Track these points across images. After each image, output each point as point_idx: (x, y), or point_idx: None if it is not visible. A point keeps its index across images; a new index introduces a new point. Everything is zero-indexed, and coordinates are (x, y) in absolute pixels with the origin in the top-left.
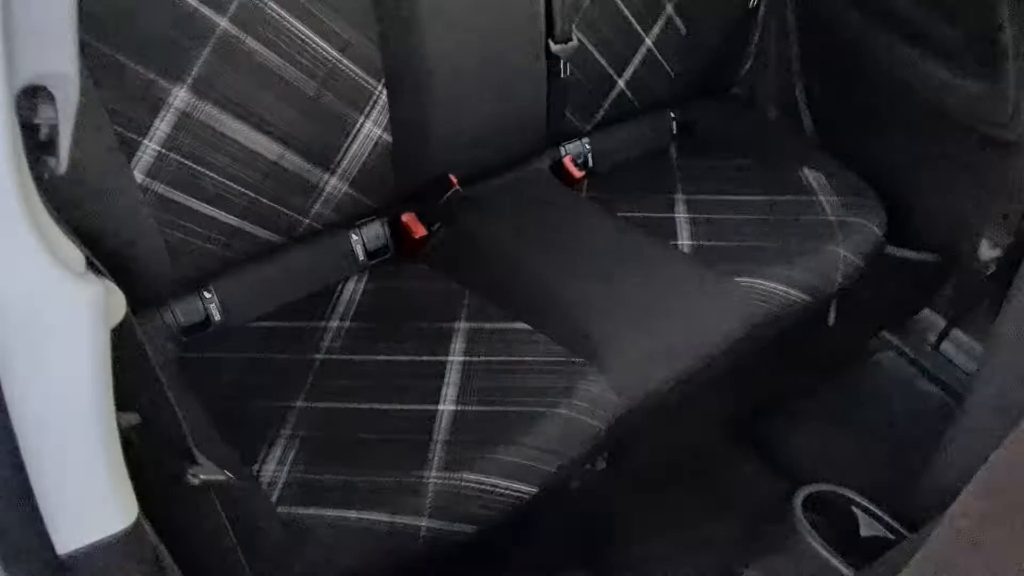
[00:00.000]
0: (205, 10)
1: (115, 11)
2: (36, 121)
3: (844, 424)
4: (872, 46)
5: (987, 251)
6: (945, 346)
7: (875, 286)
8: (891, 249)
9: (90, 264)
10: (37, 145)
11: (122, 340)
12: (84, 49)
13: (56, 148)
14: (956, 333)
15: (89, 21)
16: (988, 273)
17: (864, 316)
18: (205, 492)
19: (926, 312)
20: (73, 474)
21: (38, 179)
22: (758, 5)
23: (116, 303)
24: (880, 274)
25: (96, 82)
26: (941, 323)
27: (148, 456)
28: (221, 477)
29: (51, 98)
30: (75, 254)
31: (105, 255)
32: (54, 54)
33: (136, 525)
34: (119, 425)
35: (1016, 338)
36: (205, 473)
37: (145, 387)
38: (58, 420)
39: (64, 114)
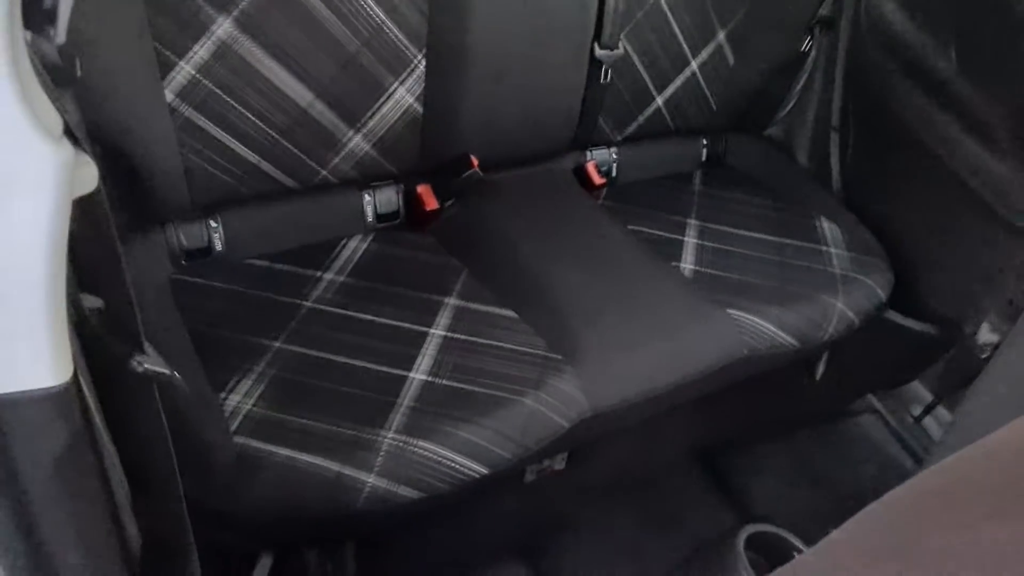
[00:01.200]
0: None
1: None
2: None
3: (809, 475)
4: (910, 112)
5: (986, 334)
6: (927, 421)
7: (870, 348)
8: (893, 315)
9: (69, 134)
10: (40, 13)
11: (90, 210)
12: None
13: (57, 18)
14: (941, 410)
15: None
16: (983, 356)
17: (853, 376)
18: (148, 383)
19: (915, 384)
20: (12, 320)
21: (40, 47)
22: (809, 50)
23: (87, 174)
24: (877, 337)
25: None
26: (928, 397)
27: (103, 338)
28: (165, 371)
29: None
30: (55, 119)
31: (124, 165)
32: None
33: (67, 387)
34: (82, 306)
35: (982, 410)
36: (149, 363)
37: (106, 265)
38: (6, 265)
39: None
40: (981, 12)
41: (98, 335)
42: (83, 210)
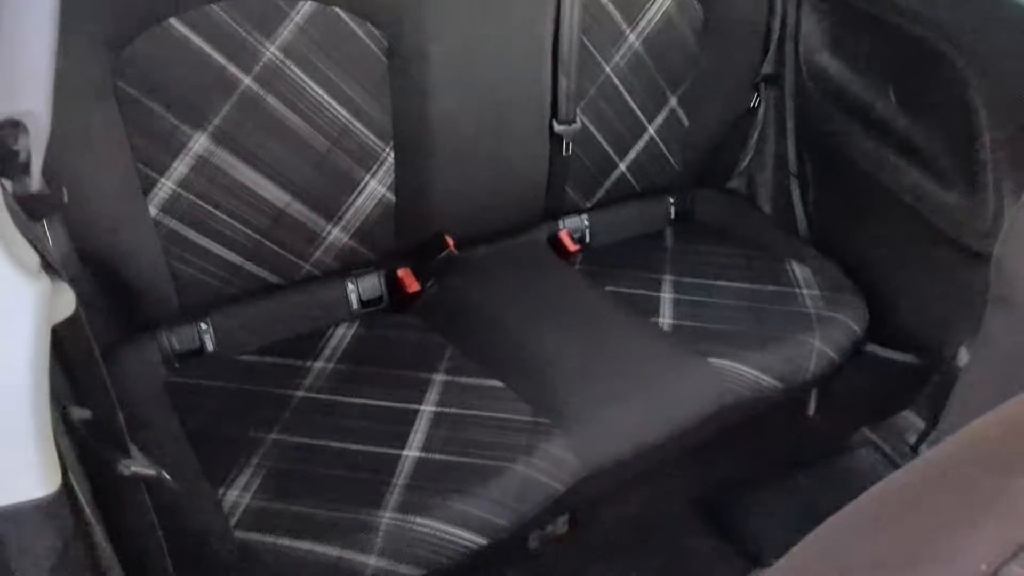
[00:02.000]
0: (232, 68)
1: (152, 63)
2: (16, 148)
3: (813, 515)
4: (860, 152)
5: (965, 358)
6: (924, 448)
7: (856, 382)
8: (873, 347)
9: (46, 267)
10: (17, 166)
11: (71, 332)
12: (119, 94)
13: (30, 169)
14: (936, 436)
15: (127, 69)
16: None
17: (845, 411)
18: (136, 483)
19: (907, 412)
20: (3, 444)
21: (17, 193)
22: (758, 106)
23: (65, 301)
24: (862, 371)
25: (125, 122)
26: (922, 425)
27: (93, 447)
28: (151, 472)
29: (27, 130)
30: (30, 256)
31: (114, 277)
32: (29, 96)
33: (57, 495)
34: (71, 418)
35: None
36: (136, 465)
37: (90, 379)
38: None
39: (36, 144)
40: (910, 54)
41: (87, 443)
42: (64, 333)
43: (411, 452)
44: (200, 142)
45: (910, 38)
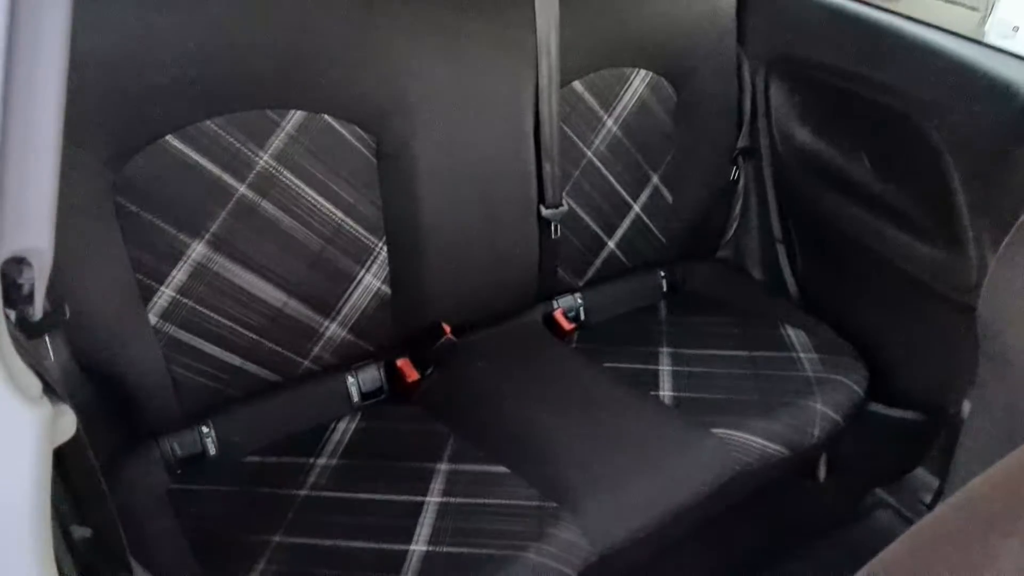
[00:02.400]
0: (227, 177)
1: (149, 178)
2: (20, 281)
3: None
4: (841, 215)
5: (968, 411)
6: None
7: (864, 443)
8: (876, 407)
9: (48, 390)
10: (21, 298)
11: (73, 454)
12: (118, 209)
13: (34, 300)
14: (947, 494)
15: (126, 186)
16: None
17: (856, 473)
18: None
19: (919, 470)
20: (5, 571)
21: (21, 321)
22: (737, 178)
23: (66, 423)
24: (868, 432)
25: (124, 235)
26: (935, 482)
27: (94, 567)
28: None
29: (31, 264)
30: (32, 381)
31: (115, 388)
32: (34, 233)
33: None
34: (73, 538)
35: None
36: None
37: (92, 498)
38: None
39: (40, 276)
40: (879, 121)
41: (88, 562)
42: (65, 455)
43: (418, 547)
44: (198, 250)
45: (878, 106)
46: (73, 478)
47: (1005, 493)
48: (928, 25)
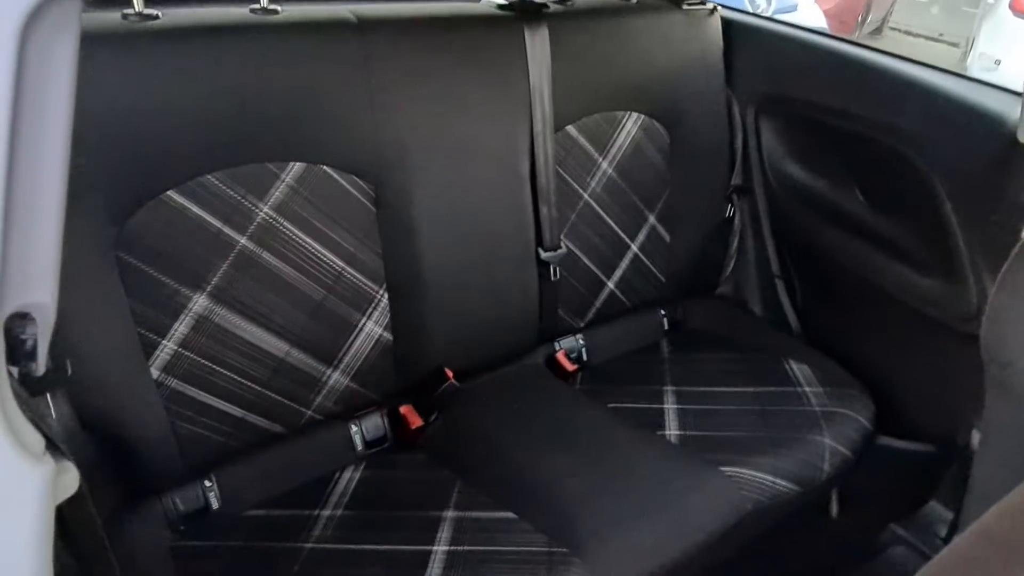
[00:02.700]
0: (228, 231)
1: (151, 233)
2: (24, 336)
3: None
4: (838, 249)
5: (978, 441)
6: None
7: (876, 478)
8: (886, 440)
9: (51, 446)
10: (24, 353)
11: (75, 509)
12: (120, 264)
13: (37, 355)
14: (962, 527)
15: (128, 241)
16: None
17: (869, 509)
18: None
19: (933, 503)
20: None
21: (24, 377)
22: (733, 215)
23: (69, 479)
24: (879, 465)
25: (126, 290)
26: (949, 515)
27: None
28: None
29: (34, 320)
30: (35, 438)
31: (117, 443)
32: (38, 288)
33: None
34: None
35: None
36: None
37: (95, 555)
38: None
39: (43, 332)
40: (869, 155)
41: None
42: (68, 511)
43: None
44: (199, 302)
45: (867, 140)
46: (75, 535)
47: (1020, 524)
48: (911, 60)
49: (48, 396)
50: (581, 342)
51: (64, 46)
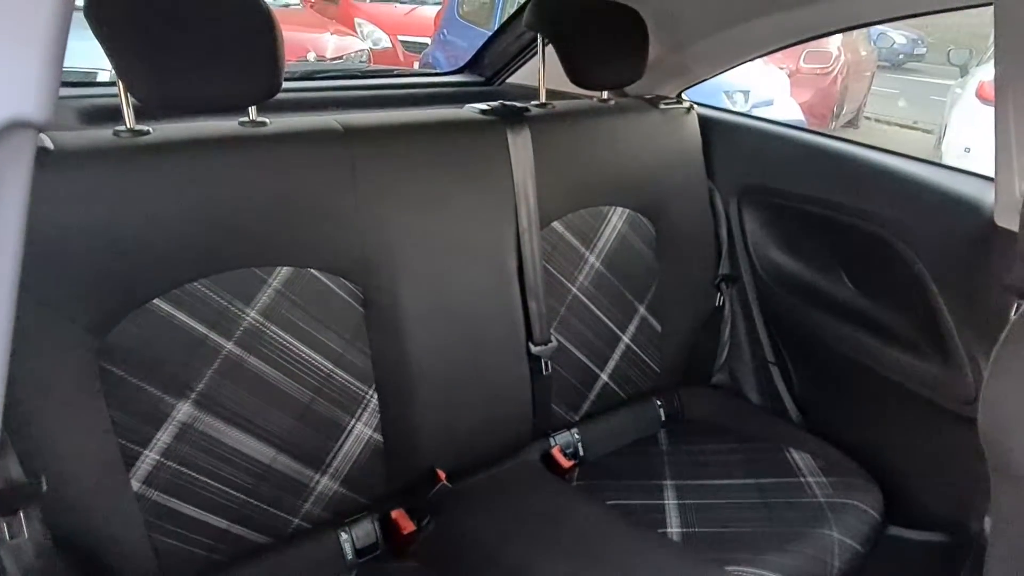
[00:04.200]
0: (214, 336)
1: (135, 342)
2: None
3: None
4: (830, 335)
5: (990, 529)
6: None
7: (889, 570)
8: (896, 530)
9: None
10: None
11: None
12: (102, 374)
13: None
14: None
15: (110, 351)
16: None
17: None
18: None
19: None
20: None
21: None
22: (723, 304)
23: None
24: (890, 557)
25: (107, 401)
26: None
27: None
28: None
29: None
30: None
31: (92, 561)
32: None
33: None
34: None
35: None
36: None
37: None
38: None
39: None
40: (853, 242)
41: None
42: None
43: None
44: (183, 410)
45: (849, 228)
46: None
47: None
48: (886, 151)
49: (21, 516)
50: (577, 436)
51: (16, 175)
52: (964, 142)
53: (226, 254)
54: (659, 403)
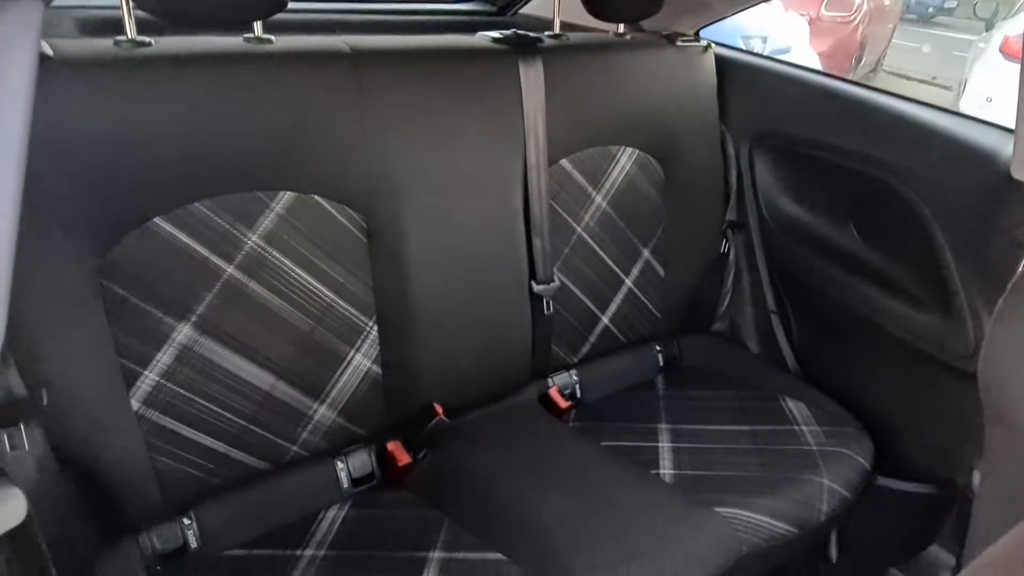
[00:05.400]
0: (216, 260)
1: (136, 261)
2: None
3: None
4: (833, 286)
5: (978, 482)
6: None
7: (876, 520)
8: (885, 480)
9: None
10: None
11: (21, 543)
12: (103, 292)
13: None
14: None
15: (112, 270)
16: None
17: (869, 552)
18: None
19: (934, 547)
20: None
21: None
22: (728, 251)
23: (14, 507)
24: (879, 507)
25: (109, 319)
26: (951, 559)
27: None
28: None
29: None
30: None
31: (94, 480)
32: None
33: None
34: None
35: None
36: None
37: None
38: None
39: None
40: (864, 192)
41: None
42: (13, 544)
43: None
44: (184, 332)
45: (861, 176)
46: (25, 568)
47: (1015, 565)
48: (904, 97)
49: (22, 429)
50: (575, 378)
51: (24, 43)
52: (985, 93)
53: (228, 175)
54: (658, 348)
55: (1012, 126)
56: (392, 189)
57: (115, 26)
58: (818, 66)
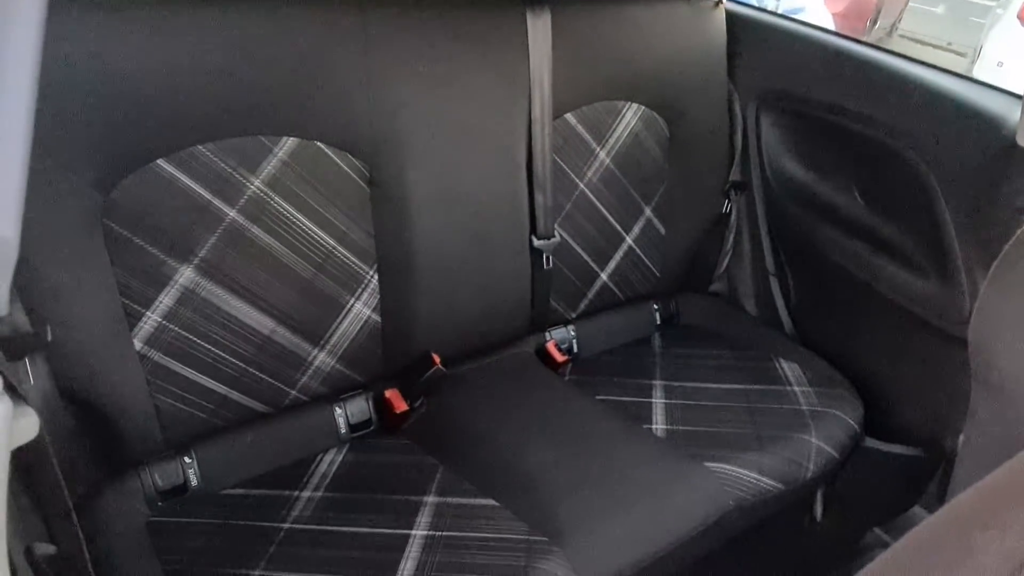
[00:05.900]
0: (218, 203)
1: (139, 202)
2: None
3: None
4: (834, 249)
5: (962, 443)
6: None
7: (861, 480)
8: (873, 442)
9: (9, 389)
10: None
11: (34, 459)
12: (106, 232)
13: None
14: None
15: (115, 209)
16: None
17: (854, 511)
18: None
19: (917, 509)
20: None
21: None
22: (730, 211)
23: (27, 424)
24: (865, 468)
25: (112, 259)
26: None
27: None
28: None
29: None
30: None
31: (97, 416)
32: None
33: None
34: (34, 554)
35: None
36: None
37: (55, 511)
38: None
39: (3, 269)
40: (868, 155)
41: None
42: (26, 459)
43: None
44: (186, 274)
45: (866, 140)
46: (37, 489)
47: (987, 494)
48: (914, 60)
49: (27, 363)
50: (572, 333)
51: None
52: (997, 57)
53: (232, 119)
54: (656, 307)
55: (1021, 92)
56: (395, 137)
57: None
58: (831, 27)
